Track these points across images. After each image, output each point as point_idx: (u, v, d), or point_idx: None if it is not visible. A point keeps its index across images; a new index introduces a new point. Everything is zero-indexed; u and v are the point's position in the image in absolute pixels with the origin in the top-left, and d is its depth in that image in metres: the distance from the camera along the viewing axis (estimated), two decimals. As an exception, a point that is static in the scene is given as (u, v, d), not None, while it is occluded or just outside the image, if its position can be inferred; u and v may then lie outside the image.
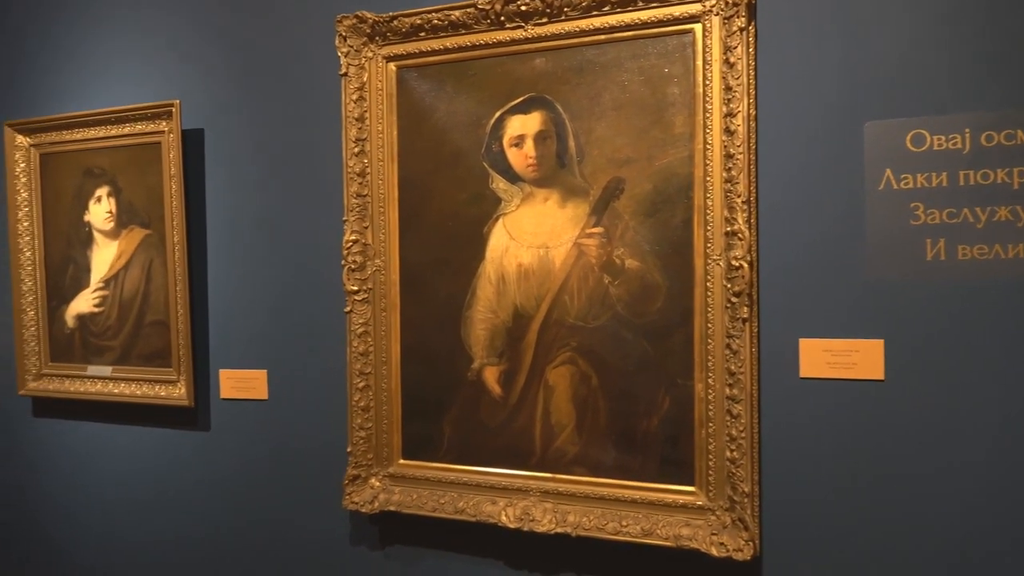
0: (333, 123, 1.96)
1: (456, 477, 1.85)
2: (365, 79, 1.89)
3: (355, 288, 1.91)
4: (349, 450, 1.93)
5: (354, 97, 1.89)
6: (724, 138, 1.57)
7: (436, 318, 1.87)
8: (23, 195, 2.44)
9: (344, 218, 1.91)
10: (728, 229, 1.56)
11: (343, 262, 1.91)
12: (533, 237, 1.77)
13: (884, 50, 1.51)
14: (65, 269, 2.40)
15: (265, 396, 2.14)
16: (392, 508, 1.89)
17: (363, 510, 1.92)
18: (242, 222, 2.15)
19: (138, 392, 2.28)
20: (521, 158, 1.77)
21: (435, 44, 1.84)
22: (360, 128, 1.89)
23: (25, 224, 2.44)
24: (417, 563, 1.97)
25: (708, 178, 1.59)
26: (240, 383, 2.16)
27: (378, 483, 1.93)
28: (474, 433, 1.84)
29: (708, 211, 1.59)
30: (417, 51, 1.86)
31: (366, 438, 1.93)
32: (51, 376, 2.45)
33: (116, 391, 2.32)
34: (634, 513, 1.68)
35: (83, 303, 2.38)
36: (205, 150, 2.18)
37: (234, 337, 2.18)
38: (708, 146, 1.59)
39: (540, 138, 1.75)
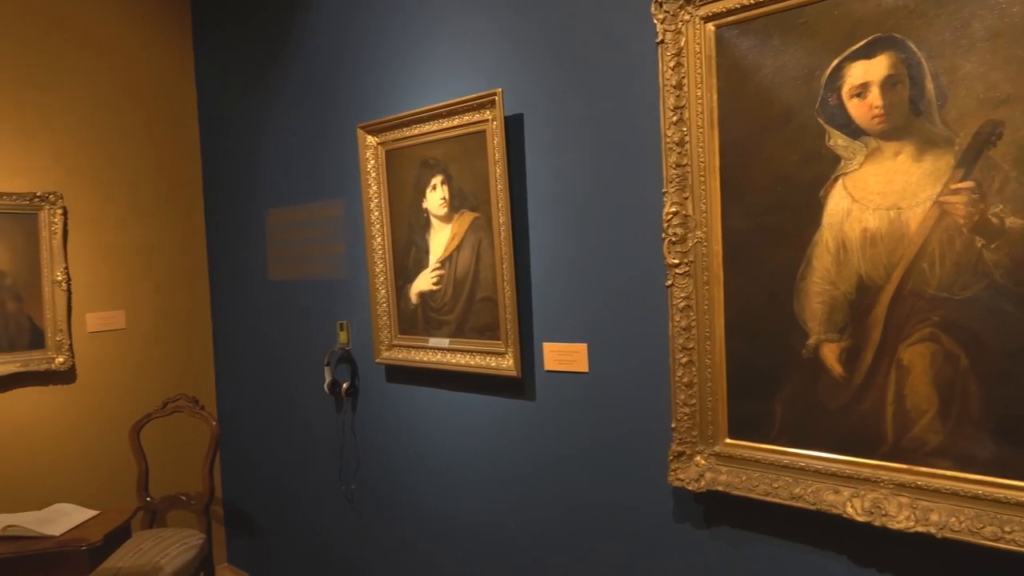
0: (649, 94, 1.92)
1: (791, 461, 1.72)
2: (682, 44, 1.81)
3: (676, 261, 1.86)
4: (673, 426, 1.90)
5: (671, 64, 1.83)
6: None
7: (764, 291, 1.75)
8: (373, 188, 2.77)
9: (663, 190, 1.86)
10: None
11: (663, 235, 1.87)
12: (881, 198, 1.56)
13: None
14: (408, 252, 2.70)
15: (586, 369, 2.19)
16: (720, 488, 1.83)
17: (689, 488, 1.88)
18: (561, 200, 2.21)
19: (472, 362, 2.48)
20: (865, 109, 1.57)
21: (759, -5, 1.70)
22: (678, 96, 1.82)
23: (376, 214, 2.78)
24: (745, 547, 1.88)
25: None
26: (562, 356, 2.24)
27: (703, 461, 1.87)
28: (810, 415, 1.70)
29: None
30: (738, 6, 1.73)
31: (690, 415, 1.88)
32: (399, 347, 2.77)
33: (453, 361, 2.55)
34: (1019, 518, 1.42)
35: (424, 282, 2.65)
36: (525, 134, 2.28)
37: (556, 311, 2.26)
38: None
39: (888, 84, 1.54)
